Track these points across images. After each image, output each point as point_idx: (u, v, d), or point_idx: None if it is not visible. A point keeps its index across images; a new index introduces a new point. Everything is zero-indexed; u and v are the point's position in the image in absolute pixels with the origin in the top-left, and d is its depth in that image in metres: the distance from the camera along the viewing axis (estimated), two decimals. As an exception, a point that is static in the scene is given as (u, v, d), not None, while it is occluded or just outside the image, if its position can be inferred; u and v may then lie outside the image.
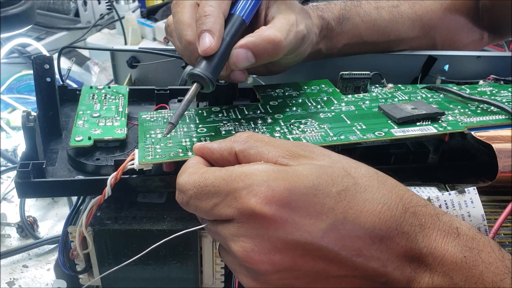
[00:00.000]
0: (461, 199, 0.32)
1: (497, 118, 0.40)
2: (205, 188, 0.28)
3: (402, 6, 0.54)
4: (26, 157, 0.35)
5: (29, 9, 0.77)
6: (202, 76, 0.35)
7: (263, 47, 0.37)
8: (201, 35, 0.36)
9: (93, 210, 0.35)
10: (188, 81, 0.36)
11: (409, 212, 0.27)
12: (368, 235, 0.26)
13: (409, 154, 0.39)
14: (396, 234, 0.26)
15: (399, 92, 0.46)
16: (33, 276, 0.48)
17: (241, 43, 0.37)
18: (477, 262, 0.26)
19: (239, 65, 0.37)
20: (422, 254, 0.26)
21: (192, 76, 0.36)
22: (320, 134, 0.37)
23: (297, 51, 0.42)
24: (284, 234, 0.26)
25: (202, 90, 0.36)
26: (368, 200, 0.26)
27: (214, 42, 0.35)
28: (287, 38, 0.38)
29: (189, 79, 0.36)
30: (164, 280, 0.38)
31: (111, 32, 1.00)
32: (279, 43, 0.37)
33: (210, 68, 0.35)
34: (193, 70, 0.35)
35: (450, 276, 0.26)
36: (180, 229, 0.35)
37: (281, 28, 0.38)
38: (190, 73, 0.36)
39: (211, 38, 0.35)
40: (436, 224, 0.27)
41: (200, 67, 0.35)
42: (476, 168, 0.39)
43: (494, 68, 0.54)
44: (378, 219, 0.26)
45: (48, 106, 0.41)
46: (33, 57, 0.39)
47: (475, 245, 0.27)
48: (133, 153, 0.35)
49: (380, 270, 0.26)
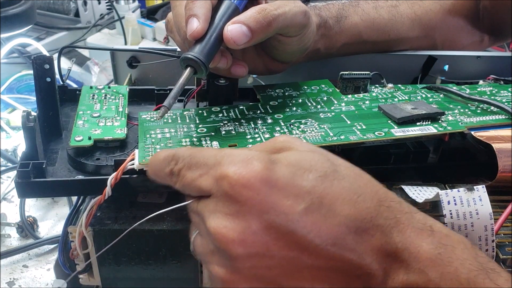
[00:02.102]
0: (470, 196, 0.32)
1: (497, 118, 0.40)
2: (196, 158, 0.29)
3: (401, 6, 0.54)
4: (26, 157, 0.35)
5: (29, 9, 0.77)
6: (195, 59, 0.35)
7: (255, 18, 0.37)
8: (188, 21, 0.36)
9: (93, 210, 0.35)
10: (182, 66, 0.36)
11: (384, 206, 0.27)
12: (344, 223, 0.26)
13: (409, 154, 0.39)
14: (371, 226, 0.26)
15: (399, 92, 0.46)
16: (33, 276, 0.48)
17: (233, 20, 0.37)
18: (452, 259, 0.26)
19: (238, 42, 0.36)
20: (397, 249, 0.26)
21: (184, 60, 0.36)
22: (320, 134, 0.37)
23: (302, 31, 0.41)
24: (260, 213, 0.26)
25: (195, 74, 0.36)
26: (345, 188, 0.26)
27: (200, 25, 0.36)
28: (279, 8, 0.38)
29: (182, 64, 0.36)
30: (164, 280, 0.38)
31: (111, 32, 1.00)
32: (269, 12, 0.37)
33: (202, 52, 0.36)
34: (186, 54, 0.35)
35: (425, 272, 0.26)
36: (180, 229, 0.35)
37: (272, 3, 0.38)
38: (183, 57, 0.36)
39: (197, 21, 0.36)
40: (410, 220, 0.27)
41: (193, 51, 0.35)
42: (476, 168, 0.39)
43: (494, 68, 0.53)
44: (354, 208, 0.26)
45: (48, 106, 0.41)
46: (33, 57, 0.39)
47: (449, 242, 0.27)
48: (133, 153, 0.35)
49: (356, 262, 0.26)
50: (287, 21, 0.39)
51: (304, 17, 0.40)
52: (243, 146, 0.35)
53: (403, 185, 0.37)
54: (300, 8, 0.40)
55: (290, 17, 0.39)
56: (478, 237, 0.32)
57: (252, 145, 0.31)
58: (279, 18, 0.38)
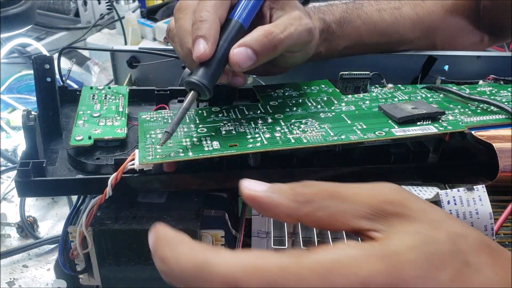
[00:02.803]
0: (470, 196, 0.32)
1: (497, 118, 0.40)
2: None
3: (403, 8, 0.54)
4: (26, 156, 0.35)
5: (29, 9, 0.77)
6: (199, 84, 0.35)
7: (260, 41, 0.37)
8: (196, 41, 0.36)
9: (93, 210, 0.35)
10: (186, 88, 0.36)
11: None
12: None
13: (409, 154, 0.39)
14: None
15: (399, 92, 0.46)
16: (33, 276, 0.48)
17: (239, 42, 0.37)
18: None
19: (243, 65, 0.36)
20: None
21: (188, 84, 0.36)
22: (321, 133, 0.37)
23: (307, 46, 0.42)
24: None
25: (199, 97, 0.36)
26: (482, 284, 0.21)
27: (208, 48, 0.35)
28: (285, 31, 0.38)
29: (186, 87, 0.36)
30: (164, 280, 0.38)
31: (111, 32, 1.00)
32: (275, 36, 0.37)
33: (206, 76, 0.36)
34: (190, 78, 0.36)
35: None
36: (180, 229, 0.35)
37: (277, 23, 0.38)
38: (187, 81, 0.36)
39: (205, 44, 0.35)
40: None
41: (197, 75, 0.35)
42: (476, 167, 0.39)
43: (494, 68, 0.53)
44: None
45: (48, 106, 0.41)
46: (33, 57, 0.39)
47: None
48: (133, 153, 0.35)
49: None
50: (292, 42, 0.39)
51: (309, 34, 0.41)
52: (244, 146, 0.35)
53: (403, 185, 0.37)
54: (305, 27, 0.40)
55: (295, 37, 0.39)
56: (478, 237, 0.32)
57: (342, 190, 0.23)
58: (285, 41, 0.38)
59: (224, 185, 0.38)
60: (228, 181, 0.37)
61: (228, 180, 0.37)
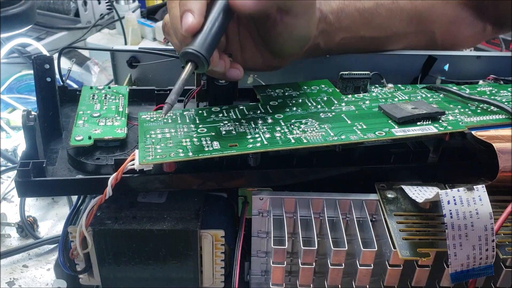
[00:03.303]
0: (470, 196, 0.32)
1: (497, 118, 0.40)
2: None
3: (401, 0, 0.53)
4: (26, 156, 0.35)
5: (29, 9, 0.77)
6: (195, 53, 0.34)
7: None
8: (183, 16, 0.36)
9: (93, 210, 0.35)
10: (182, 62, 0.36)
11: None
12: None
13: (409, 154, 0.39)
14: None
15: (399, 92, 0.46)
16: (33, 276, 0.48)
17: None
18: None
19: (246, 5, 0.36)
20: None
21: (184, 55, 0.35)
22: (321, 133, 0.37)
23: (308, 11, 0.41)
24: None
25: (196, 69, 0.36)
26: None
27: (195, 19, 0.35)
28: None
29: (183, 59, 0.35)
30: (164, 280, 0.38)
31: (111, 32, 1.00)
32: None
33: (202, 45, 0.35)
34: (185, 48, 0.35)
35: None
36: (180, 229, 0.35)
37: None
38: (182, 52, 0.35)
39: (192, 16, 0.35)
40: None
41: (191, 45, 0.35)
42: (476, 167, 0.39)
43: (494, 68, 0.53)
44: None
45: (48, 106, 0.41)
46: (33, 57, 0.39)
47: None
48: (133, 153, 0.35)
49: None
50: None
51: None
52: (244, 146, 0.35)
53: (403, 185, 0.37)
54: None
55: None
56: (478, 237, 0.32)
57: None
58: None
59: (224, 185, 0.38)
60: (228, 181, 0.37)
61: (228, 180, 0.37)
